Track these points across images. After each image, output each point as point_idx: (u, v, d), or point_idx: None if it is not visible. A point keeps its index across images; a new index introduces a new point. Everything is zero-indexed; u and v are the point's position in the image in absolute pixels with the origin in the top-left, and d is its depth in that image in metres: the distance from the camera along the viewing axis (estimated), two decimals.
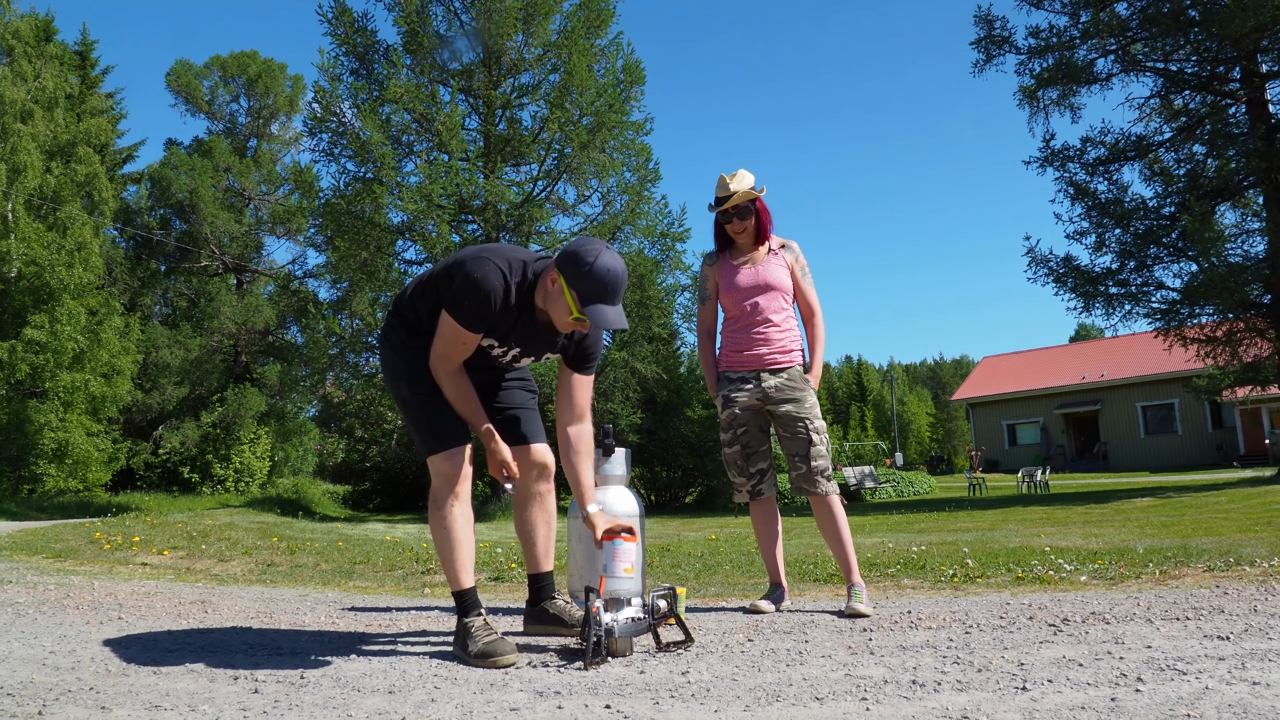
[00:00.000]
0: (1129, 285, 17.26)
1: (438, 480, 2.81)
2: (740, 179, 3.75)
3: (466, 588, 2.81)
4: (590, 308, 2.60)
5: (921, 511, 13.08)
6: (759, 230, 3.77)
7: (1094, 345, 43.32)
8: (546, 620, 3.16)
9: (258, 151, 31.08)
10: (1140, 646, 2.54)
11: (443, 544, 2.81)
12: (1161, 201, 17.18)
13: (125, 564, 6.27)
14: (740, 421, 3.74)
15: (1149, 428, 35.97)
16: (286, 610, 3.95)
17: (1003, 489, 22.72)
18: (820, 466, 3.65)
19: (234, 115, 31.27)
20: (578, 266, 2.60)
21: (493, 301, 2.68)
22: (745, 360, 3.75)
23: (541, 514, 3.15)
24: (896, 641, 2.79)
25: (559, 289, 2.66)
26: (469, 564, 2.82)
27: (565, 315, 2.67)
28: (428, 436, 2.83)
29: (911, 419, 65.81)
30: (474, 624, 2.73)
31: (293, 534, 9.57)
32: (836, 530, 3.64)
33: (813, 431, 3.66)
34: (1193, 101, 17.54)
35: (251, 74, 30.41)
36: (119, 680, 2.46)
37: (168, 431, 25.76)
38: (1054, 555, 5.00)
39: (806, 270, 3.84)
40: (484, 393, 3.04)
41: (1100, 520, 9.25)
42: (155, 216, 28.15)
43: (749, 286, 3.74)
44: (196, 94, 30.07)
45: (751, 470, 3.75)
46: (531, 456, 3.10)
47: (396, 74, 16.02)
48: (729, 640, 2.93)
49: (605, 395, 16.61)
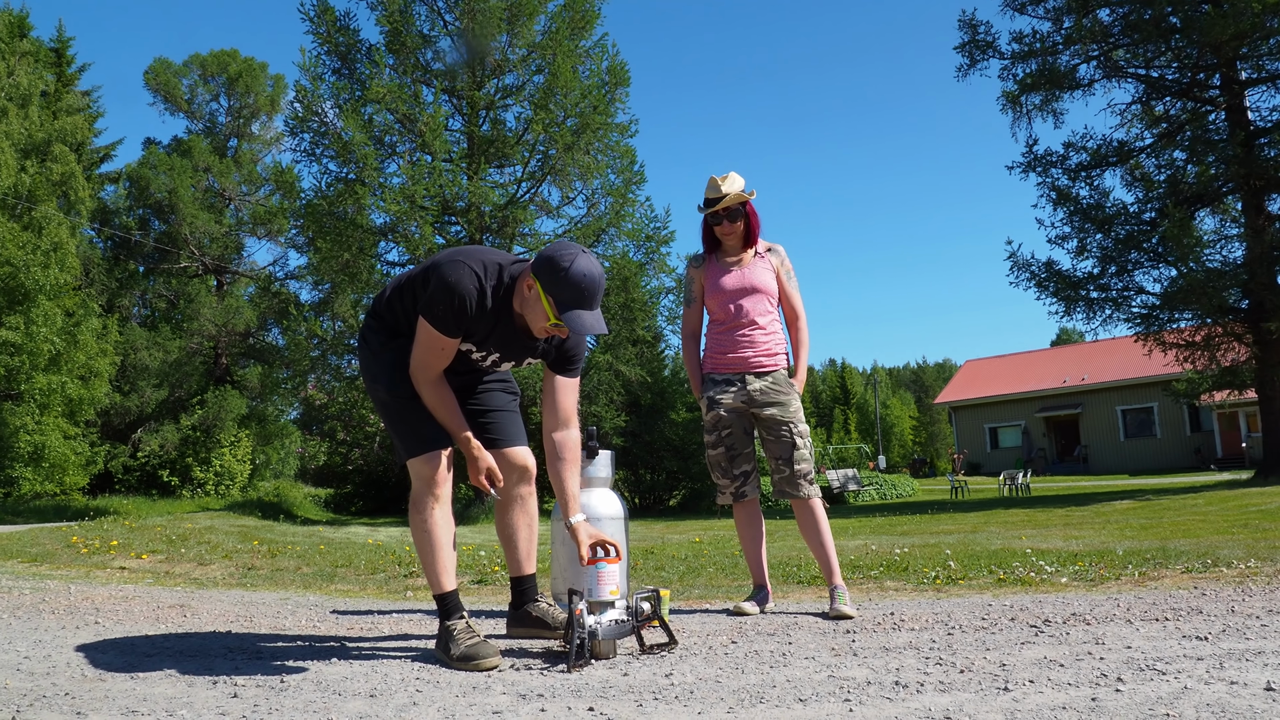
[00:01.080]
0: (1110, 290, 17.41)
1: (418, 483, 2.81)
2: (732, 181, 3.77)
3: (448, 590, 2.80)
4: (568, 314, 2.57)
5: (904, 514, 13.13)
6: (748, 233, 3.79)
7: (1075, 349, 43.74)
8: (529, 623, 3.16)
9: (238, 151, 30.87)
10: (1120, 647, 2.56)
11: (423, 547, 2.81)
12: (1142, 207, 17.34)
13: (103, 568, 6.21)
14: (725, 424, 3.74)
15: (1129, 431, 36.33)
16: (267, 614, 3.93)
17: (985, 492, 22.85)
18: (803, 470, 3.66)
19: (214, 114, 31.05)
20: (554, 272, 2.57)
21: (468, 305, 2.67)
22: (730, 363, 3.76)
23: (523, 517, 3.14)
24: (880, 643, 2.80)
25: (535, 295, 2.64)
26: (450, 567, 2.82)
27: (542, 321, 2.66)
28: (408, 439, 2.82)
29: (895, 422, 66.09)
30: (456, 627, 2.73)
31: (274, 537, 9.50)
32: (818, 533, 3.66)
33: (796, 435, 3.68)
34: (1173, 108, 17.73)
35: (232, 73, 30.19)
36: (95, 685, 2.43)
37: (146, 434, 25.53)
38: (1035, 557, 5.04)
39: (792, 274, 3.86)
40: (462, 395, 3.02)
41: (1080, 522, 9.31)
42: (133, 217, 27.89)
43: (735, 289, 3.75)
44: (175, 93, 29.82)
45: (735, 472, 3.76)
46: (511, 459, 3.09)
47: (379, 74, 15.96)
48: (713, 642, 2.93)
49: (589, 398, 16.59)
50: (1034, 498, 17.58)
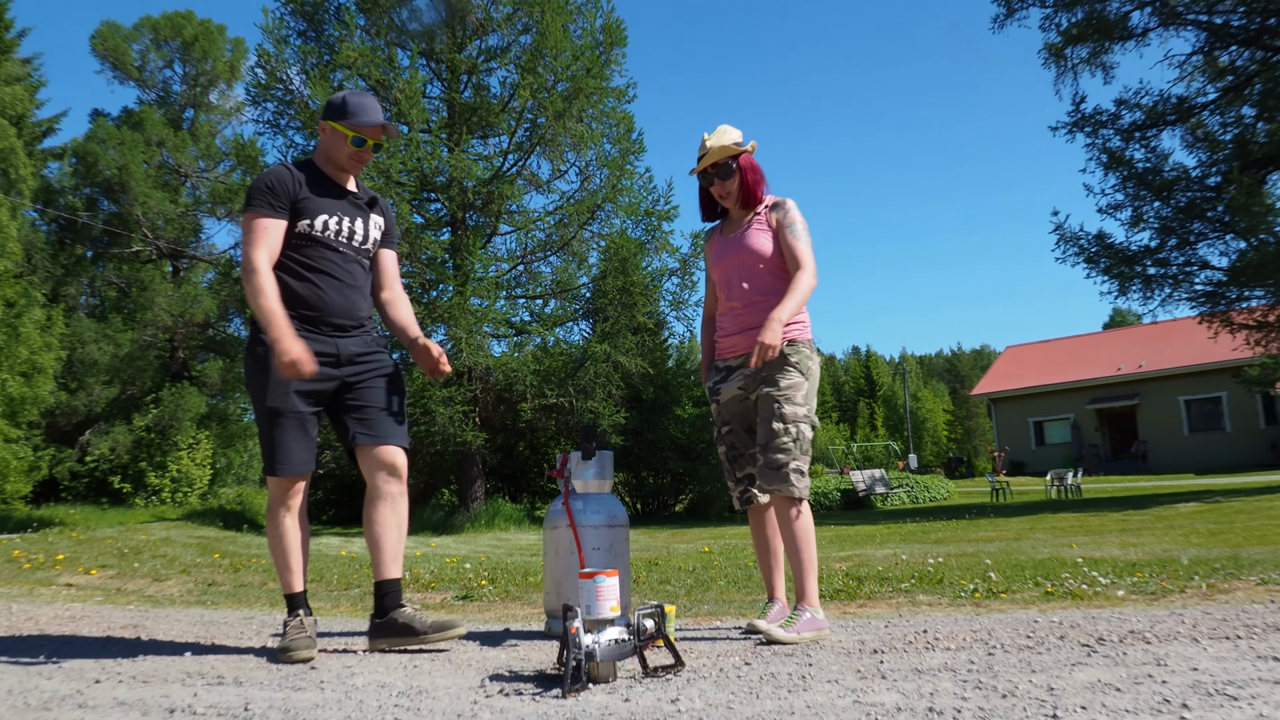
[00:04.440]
0: (1169, 265, 17.33)
1: (272, 497, 3.38)
2: (720, 134, 3.66)
3: (296, 591, 3.39)
4: (354, 117, 3.41)
5: (939, 519, 13.13)
6: (745, 192, 3.66)
7: (1130, 332, 43.62)
8: (394, 631, 3.35)
9: (195, 123, 30.86)
10: (1185, 669, 2.54)
11: (276, 552, 3.40)
12: (1205, 171, 17.25)
13: (48, 585, 6.22)
14: (724, 418, 3.70)
15: (1193, 424, 36.20)
16: (229, 635, 3.93)
17: (1029, 494, 22.85)
18: (777, 460, 3.41)
19: (168, 83, 31.01)
20: (330, 105, 3.46)
21: (274, 178, 3.33)
22: (729, 346, 3.69)
23: (393, 516, 3.43)
24: (911, 664, 2.79)
25: (329, 130, 3.45)
26: (298, 570, 3.40)
27: (344, 147, 3.45)
28: (268, 458, 3.35)
29: (926, 416, 66.15)
30: (290, 622, 3.29)
31: (237, 549, 9.53)
32: (789, 539, 3.45)
33: (777, 416, 3.42)
34: (1240, 58, 17.60)
35: (187, 36, 30.16)
36: (39, 715, 2.43)
37: (95, 437, 25.57)
38: (1087, 567, 5.02)
39: (796, 226, 3.58)
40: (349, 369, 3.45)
41: (1139, 528, 9.30)
42: (80, 196, 27.90)
43: (728, 259, 3.67)
44: (125, 59, 29.79)
45: (739, 475, 3.72)
46: (381, 456, 3.42)
47: (349, 36, 15.92)
48: (724, 663, 2.92)
49: (585, 392, 16.58)
50: (1086, 500, 17.56)
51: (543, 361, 17.03)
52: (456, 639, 3.42)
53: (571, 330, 18.48)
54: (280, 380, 3.24)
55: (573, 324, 18.33)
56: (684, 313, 18.19)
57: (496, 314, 16.29)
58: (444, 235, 16.89)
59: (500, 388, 16.92)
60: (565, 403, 16.58)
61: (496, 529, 15.11)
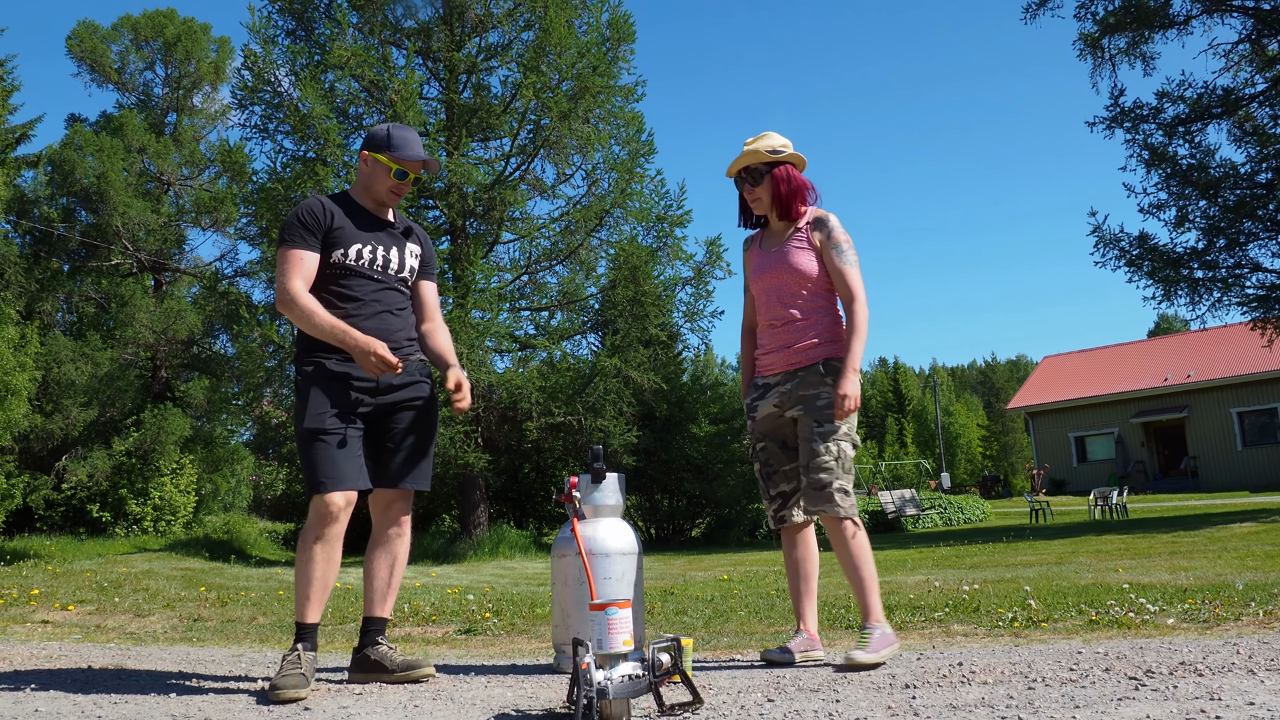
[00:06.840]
0: (1218, 267, 17.27)
1: (310, 519, 3.43)
2: (762, 140, 3.79)
3: (307, 622, 3.43)
4: (397, 150, 3.59)
5: (974, 542, 13.08)
6: (779, 203, 3.75)
7: (1178, 340, 43.38)
8: (366, 667, 3.59)
9: (178, 128, 31.05)
10: (1241, 704, 2.53)
11: (300, 577, 3.44)
12: (1256, 167, 17.20)
13: (22, 622, 6.24)
14: (759, 435, 3.78)
15: (1247, 438, 35.97)
16: (216, 674, 3.93)
17: (1071, 514, 22.73)
18: (821, 480, 3.56)
19: (149, 86, 31.23)
20: (373, 137, 3.65)
21: (308, 210, 3.53)
22: (769, 363, 3.79)
23: (386, 557, 3.69)
24: (945, 699, 2.78)
25: (369, 161, 3.64)
26: (317, 600, 3.43)
27: (385, 179, 3.64)
28: (308, 477, 3.43)
29: (960, 432, 65.89)
30: (288, 657, 3.32)
31: (224, 582, 9.54)
32: (847, 559, 3.60)
33: (818, 435, 3.58)
34: None
35: (169, 36, 30.38)
36: None
37: (73, 462, 25.64)
38: (1134, 594, 5.00)
39: (842, 245, 3.70)
40: (378, 417, 3.63)
41: (1190, 550, 9.24)
42: (56, 207, 28.08)
43: (770, 275, 3.77)
44: (103, 61, 30.03)
45: (773, 493, 3.78)
46: (388, 497, 3.66)
47: (341, 35, 16.02)
48: (744, 700, 2.91)
49: (594, 410, 16.58)
50: (1132, 521, 17.47)
51: (549, 377, 17.03)
52: (428, 678, 3.57)
53: (579, 344, 18.50)
54: (319, 399, 3.48)
55: (580, 337, 18.34)
56: (698, 324, 18.18)
57: (499, 327, 16.31)
58: (443, 244, 16.94)
59: (504, 406, 16.93)
60: (573, 421, 16.57)
61: (501, 557, 15.11)
